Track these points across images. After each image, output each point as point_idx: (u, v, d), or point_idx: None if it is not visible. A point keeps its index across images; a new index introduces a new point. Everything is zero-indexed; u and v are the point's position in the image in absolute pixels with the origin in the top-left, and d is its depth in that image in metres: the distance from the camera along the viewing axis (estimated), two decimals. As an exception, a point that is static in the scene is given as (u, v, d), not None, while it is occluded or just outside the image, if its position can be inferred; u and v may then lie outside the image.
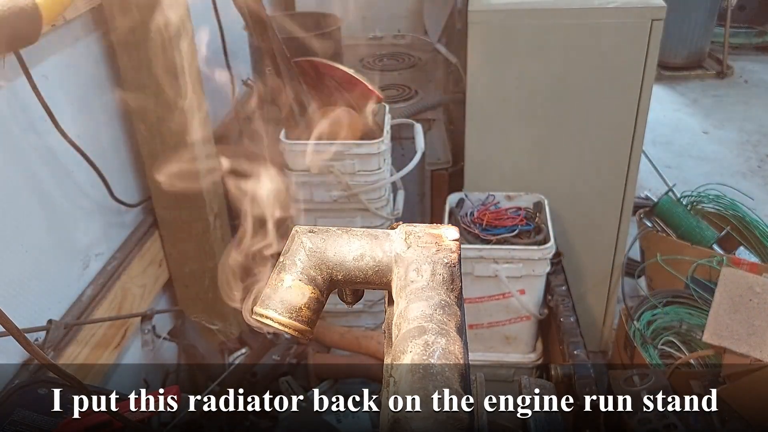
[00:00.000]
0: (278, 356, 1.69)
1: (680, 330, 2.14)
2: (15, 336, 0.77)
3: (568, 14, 1.97)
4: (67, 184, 1.50)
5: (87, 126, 1.55)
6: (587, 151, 2.15)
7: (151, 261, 1.79)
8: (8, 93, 1.30)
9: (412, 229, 0.62)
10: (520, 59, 2.03)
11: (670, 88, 4.89)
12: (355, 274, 0.61)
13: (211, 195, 1.82)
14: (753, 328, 1.80)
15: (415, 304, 0.55)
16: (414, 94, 2.44)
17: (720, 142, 4.14)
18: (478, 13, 1.98)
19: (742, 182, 3.57)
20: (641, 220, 2.65)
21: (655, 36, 1.95)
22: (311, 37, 2.21)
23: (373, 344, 1.79)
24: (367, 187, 1.94)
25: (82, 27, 1.53)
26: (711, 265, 2.22)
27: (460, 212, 2.05)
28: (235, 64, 2.14)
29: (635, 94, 2.03)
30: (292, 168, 1.95)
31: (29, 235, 1.38)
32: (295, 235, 0.62)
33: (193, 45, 1.69)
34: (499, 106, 2.11)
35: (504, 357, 2.08)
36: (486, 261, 1.91)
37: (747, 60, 5.29)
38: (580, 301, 2.28)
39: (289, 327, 0.59)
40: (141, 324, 1.67)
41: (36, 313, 1.39)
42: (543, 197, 2.07)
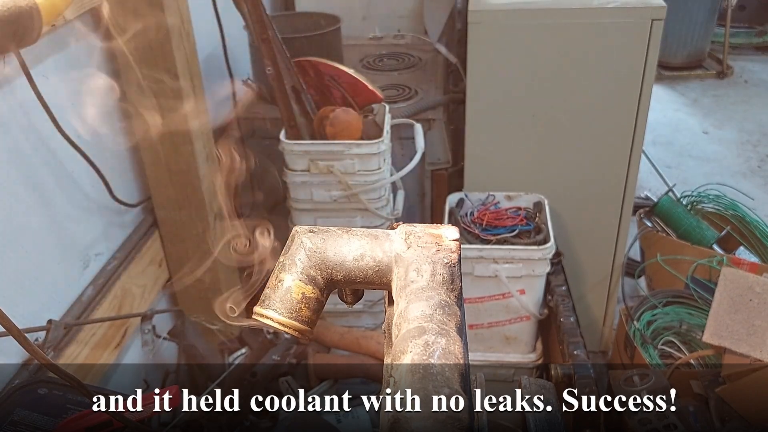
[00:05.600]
0: (278, 356, 1.69)
1: (680, 330, 2.14)
2: (15, 336, 0.77)
3: (568, 14, 1.97)
4: (67, 184, 1.50)
5: (87, 126, 1.55)
6: (587, 151, 2.15)
7: (151, 261, 1.79)
8: (8, 93, 1.30)
9: (412, 229, 0.62)
10: (520, 59, 2.04)
11: (670, 88, 4.89)
12: (355, 274, 0.61)
13: (211, 195, 1.83)
14: (753, 328, 1.80)
15: (415, 304, 0.55)
16: (414, 94, 2.44)
17: (720, 142, 4.14)
18: (478, 13, 1.98)
19: (742, 182, 3.57)
20: (641, 220, 2.65)
21: (655, 36, 1.95)
22: (311, 37, 2.21)
23: (373, 344, 1.78)
24: (367, 187, 1.94)
25: (82, 27, 1.53)
26: (711, 265, 2.22)
27: (460, 212, 2.06)
28: (235, 64, 2.14)
29: (635, 94, 2.03)
30: (292, 168, 1.95)
31: (29, 235, 1.38)
32: (295, 235, 0.62)
33: (193, 45, 1.69)
34: (499, 106, 2.11)
35: (504, 357, 2.08)
36: (486, 261, 1.91)
37: (747, 60, 5.29)
38: (580, 301, 2.28)
39: (289, 327, 0.59)
40: (141, 324, 1.67)
41: (36, 313, 1.39)
42: (543, 197, 2.07)
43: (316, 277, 0.60)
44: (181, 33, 1.61)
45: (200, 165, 1.75)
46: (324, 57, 2.03)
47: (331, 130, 1.90)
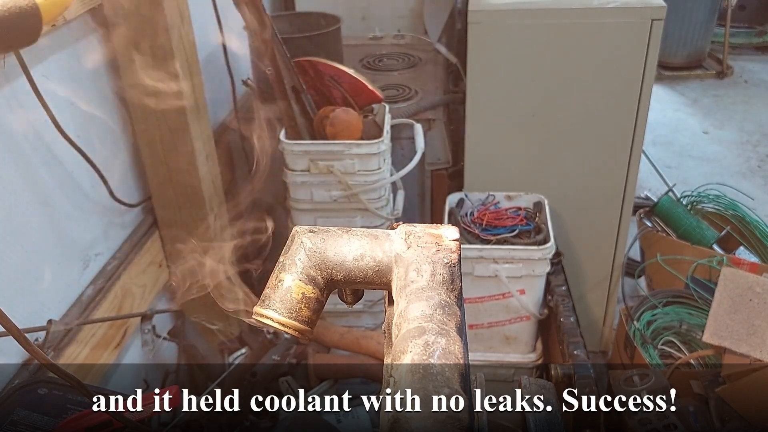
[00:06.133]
0: (278, 356, 1.69)
1: (680, 330, 2.14)
2: (15, 336, 0.77)
3: (568, 14, 1.97)
4: (67, 184, 1.50)
5: (87, 126, 1.55)
6: (587, 151, 2.15)
7: (151, 261, 1.79)
8: (8, 93, 1.30)
9: (412, 229, 0.62)
10: (520, 59, 2.04)
11: (670, 88, 4.89)
12: (355, 274, 0.61)
13: (211, 195, 1.82)
14: (753, 328, 1.80)
15: (415, 304, 0.55)
16: (414, 94, 2.44)
17: (720, 142, 4.14)
18: (478, 13, 1.98)
19: (742, 182, 3.57)
20: (641, 220, 2.65)
21: (655, 36, 1.95)
22: (311, 37, 2.21)
23: (373, 344, 1.78)
24: (367, 187, 1.94)
25: (82, 27, 1.53)
26: (711, 265, 2.22)
27: (460, 212, 2.05)
28: (235, 64, 2.14)
29: (635, 94, 2.03)
30: (292, 168, 1.95)
31: (29, 235, 1.38)
32: (295, 235, 0.62)
33: (193, 45, 1.69)
34: (499, 106, 2.11)
35: (504, 357, 2.08)
36: (486, 261, 1.91)
37: (747, 60, 5.29)
38: (580, 301, 2.28)
39: (289, 327, 0.59)
40: (141, 324, 1.67)
41: (36, 313, 1.39)
42: (543, 197, 2.07)
43: (316, 277, 0.60)
44: (181, 33, 1.61)
45: (200, 165, 1.74)
46: (324, 57, 2.03)
47: (331, 130, 1.90)
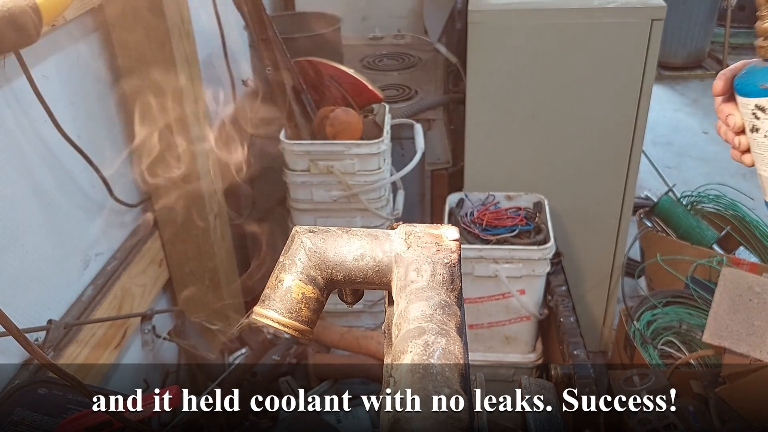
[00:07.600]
0: (278, 356, 1.69)
1: (680, 330, 2.14)
2: (15, 336, 0.77)
3: (568, 14, 1.97)
4: (67, 184, 1.50)
5: (87, 126, 1.55)
6: (587, 151, 2.15)
7: (151, 261, 1.79)
8: (8, 93, 1.30)
9: (412, 229, 0.62)
10: (520, 59, 2.03)
11: (670, 88, 4.88)
12: (355, 274, 0.61)
13: (211, 195, 1.82)
14: (753, 328, 1.80)
15: (415, 304, 0.55)
16: (414, 94, 2.44)
17: (720, 142, 4.07)
18: (478, 13, 1.98)
19: (742, 182, 3.56)
20: (641, 220, 2.65)
21: (655, 36, 1.95)
22: (311, 37, 2.21)
23: (373, 344, 1.79)
24: (367, 187, 1.94)
25: (82, 27, 1.53)
26: (711, 265, 2.22)
27: (460, 212, 2.05)
28: (235, 64, 2.14)
29: (635, 94, 2.03)
30: (292, 168, 1.95)
31: (29, 235, 1.38)
32: (295, 235, 0.62)
33: (193, 45, 1.69)
34: (499, 106, 2.11)
35: (504, 357, 2.08)
36: (486, 261, 1.91)
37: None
38: (580, 301, 2.28)
39: (289, 327, 0.59)
40: (141, 324, 1.67)
41: (36, 313, 1.39)
42: (543, 197, 2.07)
43: (316, 277, 0.60)
44: (181, 33, 1.61)
45: (200, 165, 1.74)
46: (324, 57, 2.03)
47: (331, 130, 1.90)
